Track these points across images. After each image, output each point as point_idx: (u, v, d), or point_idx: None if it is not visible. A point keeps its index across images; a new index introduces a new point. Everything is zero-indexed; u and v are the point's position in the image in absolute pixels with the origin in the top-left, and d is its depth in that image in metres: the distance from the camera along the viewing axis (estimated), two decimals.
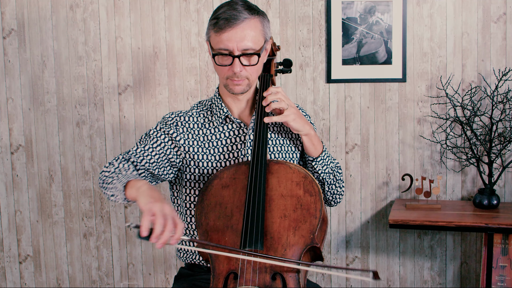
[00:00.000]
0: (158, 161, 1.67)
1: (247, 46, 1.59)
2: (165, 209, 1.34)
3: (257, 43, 1.61)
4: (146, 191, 1.44)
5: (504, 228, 2.40)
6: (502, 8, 2.70)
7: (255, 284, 1.45)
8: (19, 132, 2.88)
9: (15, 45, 2.83)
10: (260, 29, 1.62)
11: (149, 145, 1.68)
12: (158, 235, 1.30)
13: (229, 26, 1.57)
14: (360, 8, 2.74)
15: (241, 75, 1.62)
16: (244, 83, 1.64)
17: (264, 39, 1.64)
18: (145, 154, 1.66)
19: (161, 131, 1.71)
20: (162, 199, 1.39)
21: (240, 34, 1.57)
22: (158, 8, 2.80)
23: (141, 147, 1.67)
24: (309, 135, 1.70)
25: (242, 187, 1.59)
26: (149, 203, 1.36)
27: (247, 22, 1.58)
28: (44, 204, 2.92)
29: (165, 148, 1.69)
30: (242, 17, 1.58)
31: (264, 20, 1.64)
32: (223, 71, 1.63)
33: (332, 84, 2.81)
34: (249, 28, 1.59)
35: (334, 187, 1.80)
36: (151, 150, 1.67)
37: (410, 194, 2.84)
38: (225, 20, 1.57)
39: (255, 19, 1.61)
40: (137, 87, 2.85)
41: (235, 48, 1.58)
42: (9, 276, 2.96)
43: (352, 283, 2.92)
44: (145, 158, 1.65)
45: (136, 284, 2.96)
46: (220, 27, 1.58)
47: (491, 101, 2.65)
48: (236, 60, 1.59)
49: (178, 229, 1.34)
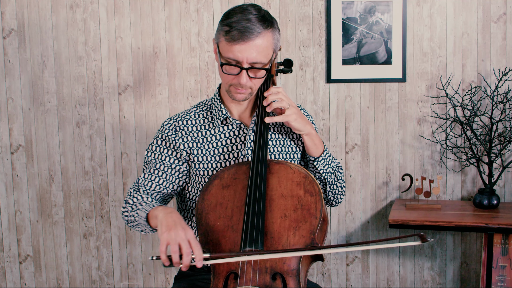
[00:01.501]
0: (168, 179, 1.71)
1: (257, 60, 1.57)
2: (179, 235, 1.41)
3: (267, 57, 1.59)
4: (162, 219, 1.49)
5: (504, 228, 2.40)
6: (502, 8, 2.70)
7: (255, 284, 1.46)
8: (19, 132, 2.88)
9: (15, 45, 2.83)
10: (271, 43, 1.60)
11: (154, 167, 1.71)
12: (177, 262, 1.39)
13: (242, 39, 1.54)
14: (360, 8, 2.74)
15: (245, 85, 1.61)
16: (247, 92, 1.64)
17: (273, 51, 1.63)
18: (153, 178, 1.71)
19: (161, 145, 1.73)
20: (175, 224, 1.45)
21: (251, 49, 1.55)
22: (158, 8, 2.80)
23: (147, 172, 1.72)
24: (310, 135, 1.70)
25: (243, 187, 1.59)
26: (164, 233, 1.43)
27: (260, 37, 1.56)
28: (44, 204, 2.92)
29: (170, 162, 1.72)
30: (256, 31, 1.55)
31: (275, 31, 1.62)
32: (228, 78, 1.62)
33: (332, 84, 2.81)
34: (261, 43, 1.56)
35: (335, 187, 1.80)
36: (157, 171, 1.71)
37: (410, 194, 2.84)
38: (239, 31, 1.54)
39: (268, 33, 1.58)
40: (137, 87, 2.85)
41: (244, 61, 1.56)
42: (9, 276, 2.96)
43: (352, 283, 2.92)
44: (154, 182, 1.70)
45: (136, 284, 2.96)
46: (232, 38, 1.55)
47: (491, 101, 2.65)
48: (243, 72, 1.58)
49: (195, 250, 1.41)
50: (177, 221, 1.46)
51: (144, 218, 1.58)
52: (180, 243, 1.40)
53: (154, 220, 1.55)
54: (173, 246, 1.39)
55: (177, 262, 1.39)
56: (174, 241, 1.40)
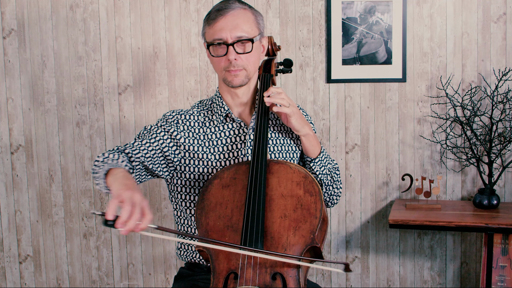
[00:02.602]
0: (154, 157, 1.65)
1: (240, 33, 1.62)
2: (135, 197, 1.30)
3: (250, 32, 1.64)
4: (120, 178, 1.42)
5: (504, 228, 2.40)
6: (502, 8, 2.70)
7: (255, 284, 1.46)
8: (19, 132, 2.88)
9: (15, 45, 2.83)
10: (253, 20, 1.66)
11: (147, 139, 1.66)
12: (124, 221, 1.27)
13: (221, 15, 1.62)
14: (360, 8, 2.74)
15: (237, 64, 1.64)
16: (242, 74, 1.65)
17: (258, 30, 1.68)
18: (141, 148, 1.64)
19: (161, 128, 1.70)
20: (134, 188, 1.36)
21: (231, 22, 1.62)
22: (158, 8, 2.80)
23: (138, 141, 1.66)
24: (307, 136, 1.71)
25: (242, 187, 1.59)
26: (120, 190, 1.33)
27: (238, 10, 1.63)
28: (44, 204, 2.92)
29: (162, 145, 1.67)
30: (233, 6, 1.63)
31: (256, 13, 1.69)
32: (219, 63, 1.65)
33: (332, 84, 2.81)
34: (240, 17, 1.63)
35: (331, 188, 1.81)
36: (148, 144, 1.65)
37: (410, 194, 2.84)
38: (217, 11, 1.63)
39: (247, 10, 1.66)
40: (137, 87, 2.85)
41: (228, 37, 1.62)
42: (9, 276, 2.96)
43: (352, 283, 2.92)
44: (141, 152, 1.63)
45: (136, 284, 2.96)
46: (212, 18, 1.64)
47: (491, 101, 2.65)
48: (230, 48, 1.62)
49: (145, 219, 1.30)
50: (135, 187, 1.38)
51: (105, 171, 1.49)
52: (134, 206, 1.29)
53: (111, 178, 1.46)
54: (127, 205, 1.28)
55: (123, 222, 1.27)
56: (129, 200, 1.29)
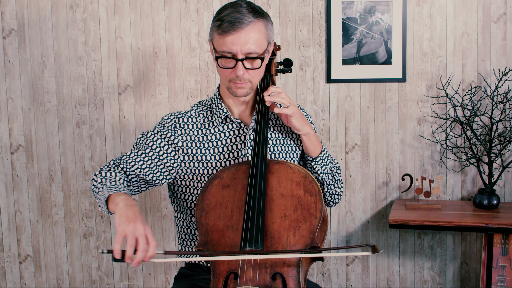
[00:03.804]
0: (151, 167, 1.67)
1: (251, 49, 1.57)
2: (137, 229, 1.37)
3: (261, 47, 1.60)
4: (122, 209, 1.45)
5: (504, 228, 2.40)
6: (502, 8, 2.70)
7: (255, 284, 1.46)
8: (19, 132, 2.88)
9: (15, 45, 2.83)
10: (264, 33, 1.61)
11: (142, 150, 1.68)
12: (130, 256, 1.35)
13: (234, 29, 1.55)
14: (360, 8, 2.74)
15: (243, 78, 1.61)
16: (247, 86, 1.64)
17: (267, 42, 1.63)
18: (137, 160, 1.66)
19: (157, 134, 1.71)
20: (136, 218, 1.40)
21: (244, 38, 1.56)
22: (158, 8, 2.80)
23: (134, 152, 1.68)
24: (308, 135, 1.71)
25: (242, 187, 1.59)
26: (122, 224, 1.38)
27: (251, 25, 1.57)
28: (44, 204, 2.92)
29: (160, 153, 1.68)
30: (247, 20, 1.56)
31: (268, 23, 1.63)
32: (225, 73, 1.63)
33: (332, 84, 2.81)
34: (253, 31, 1.57)
35: (332, 188, 1.81)
36: (143, 155, 1.67)
37: (410, 194, 2.84)
38: (229, 23, 1.56)
39: (260, 22, 1.59)
40: (137, 87, 2.85)
41: (238, 52, 1.57)
42: (9, 276, 2.96)
43: (352, 283, 2.92)
44: (137, 164, 1.66)
45: (136, 284, 2.96)
46: (224, 30, 1.56)
47: (491, 101, 2.65)
48: (239, 63, 1.58)
49: (151, 247, 1.37)
50: (137, 215, 1.42)
51: (105, 197, 1.54)
52: (138, 238, 1.36)
53: (113, 205, 1.51)
54: (130, 239, 1.35)
55: (130, 256, 1.35)
56: (132, 234, 1.36)
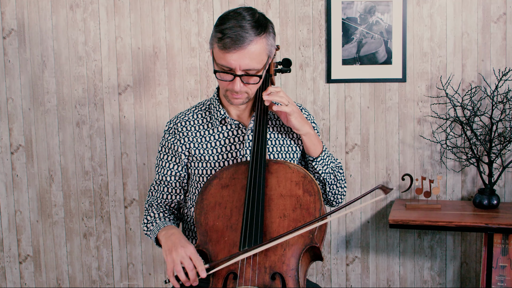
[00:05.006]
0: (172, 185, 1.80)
1: (250, 66, 1.55)
2: (179, 254, 1.53)
3: (260, 62, 1.58)
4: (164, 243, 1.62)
5: (504, 228, 2.40)
6: (502, 8, 2.70)
7: (254, 284, 1.46)
8: (19, 132, 2.88)
9: (15, 45, 2.83)
10: (265, 48, 1.58)
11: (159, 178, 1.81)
12: (184, 279, 1.51)
13: (234, 48, 1.52)
14: (360, 8, 2.74)
15: (240, 91, 1.61)
16: (243, 96, 1.64)
17: (267, 56, 1.60)
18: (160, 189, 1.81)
19: (163, 151, 1.80)
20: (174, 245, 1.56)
21: (244, 56, 1.54)
22: (158, 8, 2.80)
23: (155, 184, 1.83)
24: (308, 135, 1.70)
25: (242, 187, 1.59)
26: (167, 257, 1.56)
27: (253, 44, 1.54)
28: (44, 204, 2.92)
29: (171, 167, 1.78)
30: (248, 39, 1.53)
31: (269, 36, 1.59)
32: (223, 84, 1.63)
33: (332, 84, 2.81)
34: (254, 50, 1.54)
35: (335, 187, 1.80)
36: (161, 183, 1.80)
37: (410, 194, 2.84)
38: (231, 40, 1.52)
39: (262, 39, 1.56)
40: (137, 87, 2.85)
41: (237, 68, 1.55)
42: (9, 276, 2.97)
43: (352, 283, 2.92)
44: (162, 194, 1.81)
45: (136, 284, 2.96)
46: (225, 46, 1.53)
47: (491, 101, 2.65)
48: (237, 78, 1.57)
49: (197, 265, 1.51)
50: (176, 242, 1.57)
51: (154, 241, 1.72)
52: (182, 261, 1.51)
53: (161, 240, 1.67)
54: (177, 266, 1.51)
55: (185, 280, 1.51)
56: (176, 262, 1.52)
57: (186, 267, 1.51)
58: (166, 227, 1.69)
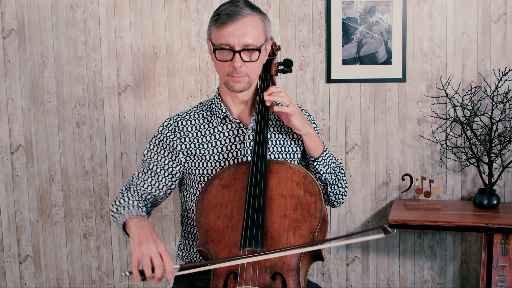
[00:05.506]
0: (159, 179, 1.74)
1: (248, 42, 1.60)
2: (149, 249, 1.46)
3: (258, 40, 1.63)
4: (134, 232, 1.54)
5: (504, 228, 2.40)
6: (502, 8, 2.70)
7: (255, 284, 1.46)
8: (19, 132, 2.88)
9: (15, 45, 2.83)
10: (261, 27, 1.64)
11: (147, 167, 1.75)
12: (150, 275, 1.44)
13: (231, 20, 1.59)
14: (360, 8, 2.74)
15: (241, 71, 1.63)
16: (244, 80, 1.65)
17: (264, 37, 1.66)
18: (145, 178, 1.74)
19: (159, 145, 1.76)
20: (146, 238, 1.49)
21: (241, 29, 1.59)
22: (158, 8, 2.80)
23: (141, 171, 1.76)
24: (309, 135, 1.71)
25: (242, 187, 1.59)
26: (135, 248, 1.48)
27: (248, 17, 1.61)
28: (44, 204, 2.92)
29: (164, 163, 1.74)
30: (244, 12, 1.60)
31: (265, 19, 1.67)
32: (223, 67, 1.64)
33: (332, 84, 2.81)
34: (250, 24, 1.61)
35: (336, 187, 1.80)
36: (150, 172, 1.74)
37: (410, 194, 2.84)
38: (227, 15, 1.60)
39: (257, 16, 1.63)
40: (137, 87, 2.85)
41: (236, 43, 1.60)
42: (9, 276, 2.96)
43: (352, 283, 2.92)
44: (146, 182, 1.74)
45: (136, 284, 2.96)
46: (221, 22, 1.60)
47: (491, 101, 2.65)
48: (236, 55, 1.60)
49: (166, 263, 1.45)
50: (148, 235, 1.51)
51: (121, 225, 1.64)
52: (152, 256, 1.45)
53: (128, 231, 1.60)
54: (145, 260, 1.44)
55: (150, 276, 1.44)
56: (145, 255, 1.45)
57: (155, 264, 1.44)
58: (138, 216, 1.63)
